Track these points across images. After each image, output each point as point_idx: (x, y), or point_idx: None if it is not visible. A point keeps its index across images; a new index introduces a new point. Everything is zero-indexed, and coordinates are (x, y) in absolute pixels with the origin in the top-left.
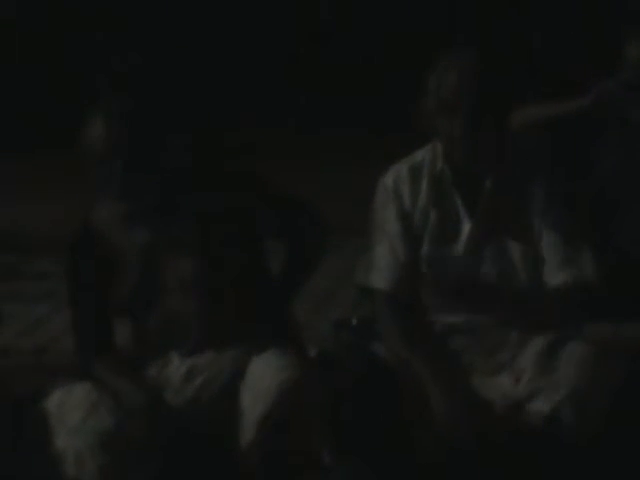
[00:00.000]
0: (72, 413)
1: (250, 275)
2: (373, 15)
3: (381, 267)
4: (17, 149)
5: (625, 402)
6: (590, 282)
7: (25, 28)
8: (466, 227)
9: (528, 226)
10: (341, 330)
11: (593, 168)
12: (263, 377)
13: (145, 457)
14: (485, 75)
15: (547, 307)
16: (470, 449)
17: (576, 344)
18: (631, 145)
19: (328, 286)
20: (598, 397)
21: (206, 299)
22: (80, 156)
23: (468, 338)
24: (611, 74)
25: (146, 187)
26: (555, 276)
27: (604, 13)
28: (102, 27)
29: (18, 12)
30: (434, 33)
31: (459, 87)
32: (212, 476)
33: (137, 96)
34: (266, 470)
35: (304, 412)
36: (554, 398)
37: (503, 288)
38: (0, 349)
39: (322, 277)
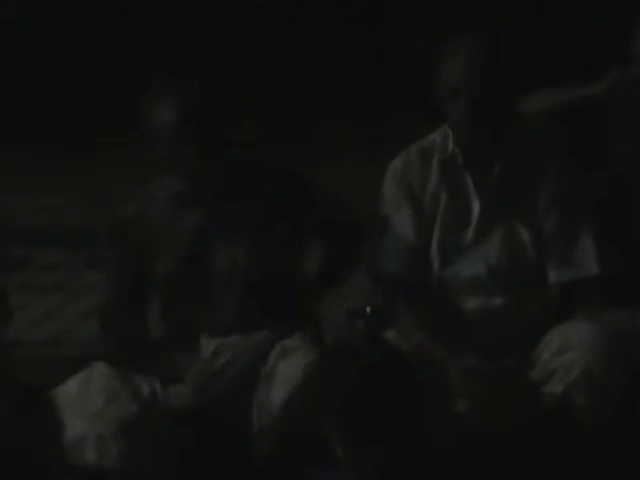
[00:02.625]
0: (93, 398)
1: (289, 271)
2: None
3: (391, 252)
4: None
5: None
6: (591, 278)
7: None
8: (476, 211)
9: (537, 212)
10: (355, 319)
11: (607, 157)
12: (286, 363)
13: (165, 443)
14: (490, 60)
15: (550, 305)
16: (488, 430)
17: (589, 325)
18: None
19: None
20: (612, 380)
21: (245, 288)
22: (143, 136)
23: (483, 323)
24: (625, 62)
25: (214, 172)
26: (555, 274)
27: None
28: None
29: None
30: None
31: (463, 71)
32: (226, 461)
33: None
34: (279, 456)
35: (323, 399)
36: (567, 379)
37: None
38: (12, 341)
39: None
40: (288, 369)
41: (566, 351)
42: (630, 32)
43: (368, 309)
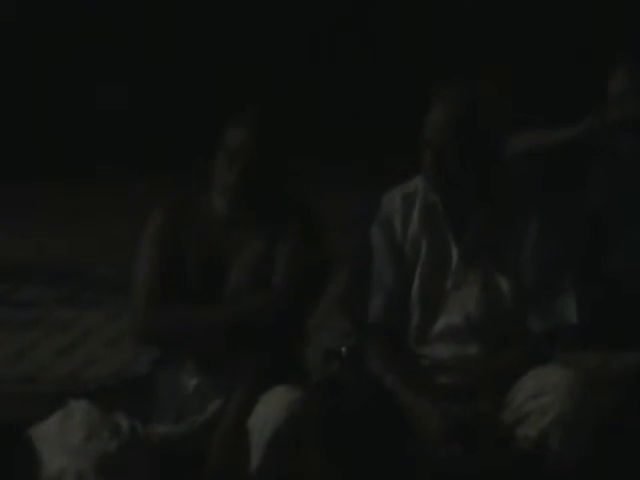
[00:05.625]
0: (73, 434)
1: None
2: None
3: (370, 298)
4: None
5: (615, 429)
6: (571, 326)
7: None
8: (455, 259)
9: (517, 261)
10: (331, 359)
11: (584, 199)
12: (270, 400)
13: (146, 478)
14: (460, 112)
15: (527, 352)
16: (460, 471)
17: (565, 371)
18: (620, 175)
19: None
20: (585, 423)
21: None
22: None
23: (455, 373)
24: (600, 106)
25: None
26: (536, 321)
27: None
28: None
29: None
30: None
31: (434, 123)
32: None
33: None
34: None
35: (310, 435)
36: (541, 423)
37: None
38: None
39: None
40: (272, 406)
41: (541, 395)
42: (606, 77)
43: (343, 350)
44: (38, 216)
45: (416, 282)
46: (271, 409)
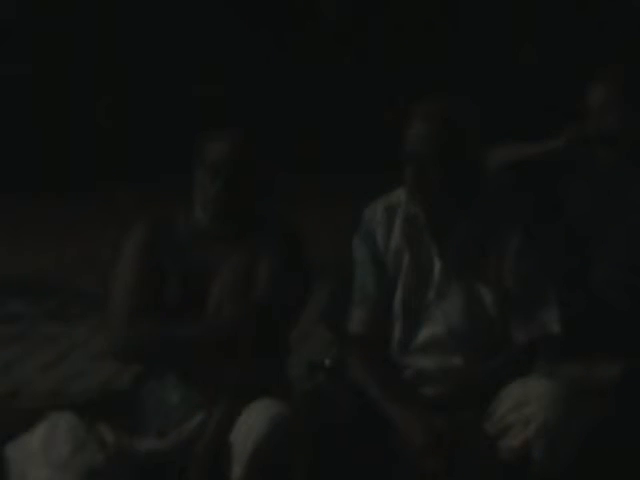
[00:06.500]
0: (59, 447)
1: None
2: None
3: (352, 310)
4: None
5: (599, 441)
6: (554, 337)
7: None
8: (437, 270)
9: (500, 272)
10: (315, 371)
11: (563, 211)
12: (252, 415)
13: None
14: (439, 125)
15: (511, 362)
16: None
17: (548, 381)
18: (599, 187)
19: (301, 326)
20: (568, 434)
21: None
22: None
23: (438, 384)
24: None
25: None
26: (520, 332)
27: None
28: None
29: None
30: None
31: (414, 136)
32: None
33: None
34: None
35: (293, 448)
36: (524, 433)
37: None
38: None
39: None
40: (255, 420)
41: (524, 406)
42: (584, 88)
43: (327, 361)
44: (23, 230)
45: (399, 293)
46: (254, 422)
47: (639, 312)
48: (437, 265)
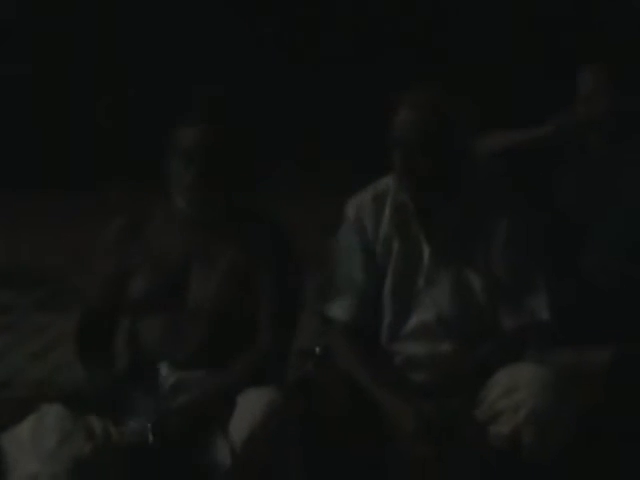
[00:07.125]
0: (47, 438)
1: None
2: None
3: (341, 298)
4: None
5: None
6: (544, 324)
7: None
8: (426, 257)
9: (489, 258)
10: (305, 359)
11: (553, 197)
12: (248, 400)
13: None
14: (427, 111)
15: (500, 349)
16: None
17: (537, 367)
18: (589, 174)
19: None
20: (558, 420)
21: (210, 325)
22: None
23: (428, 371)
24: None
25: (216, 205)
26: (509, 319)
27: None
28: None
29: None
30: None
31: (401, 123)
32: None
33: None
34: None
35: (287, 436)
36: (514, 420)
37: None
38: None
39: None
40: (249, 406)
41: (514, 392)
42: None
43: (317, 349)
44: (12, 221)
45: (388, 280)
46: (248, 410)
47: (629, 298)
48: (426, 252)
